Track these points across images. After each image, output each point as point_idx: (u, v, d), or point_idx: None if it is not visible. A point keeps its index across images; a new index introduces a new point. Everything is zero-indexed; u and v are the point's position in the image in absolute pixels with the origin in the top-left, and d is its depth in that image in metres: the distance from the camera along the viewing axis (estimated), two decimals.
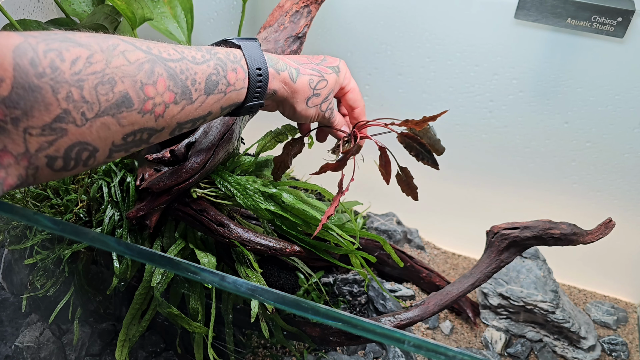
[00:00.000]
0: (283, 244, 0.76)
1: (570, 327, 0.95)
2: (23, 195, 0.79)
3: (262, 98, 0.58)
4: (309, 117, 0.66)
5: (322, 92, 0.65)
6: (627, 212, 1.05)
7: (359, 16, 1.03)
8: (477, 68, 1.00)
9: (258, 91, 0.57)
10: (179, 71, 0.48)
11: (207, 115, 0.53)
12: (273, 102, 0.64)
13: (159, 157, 0.69)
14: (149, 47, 0.46)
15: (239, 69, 0.55)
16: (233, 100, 0.55)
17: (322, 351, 0.89)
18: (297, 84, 0.62)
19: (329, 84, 0.66)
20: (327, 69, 0.66)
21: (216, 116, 0.56)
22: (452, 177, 1.15)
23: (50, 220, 0.54)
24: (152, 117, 0.46)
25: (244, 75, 0.55)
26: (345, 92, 0.71)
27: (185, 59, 0.49)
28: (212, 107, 0.53)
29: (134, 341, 0.78)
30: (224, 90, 0.53)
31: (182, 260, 0.50)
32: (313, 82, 0.63)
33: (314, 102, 0.65)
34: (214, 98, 0.52)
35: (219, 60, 0.53)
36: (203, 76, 0.50)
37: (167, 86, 0.47)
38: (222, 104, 0.54)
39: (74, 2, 0.89)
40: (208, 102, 0.52)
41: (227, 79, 0.53)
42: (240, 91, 0.55)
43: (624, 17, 0.85)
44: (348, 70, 0.70)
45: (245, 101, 0.57)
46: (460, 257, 1.20)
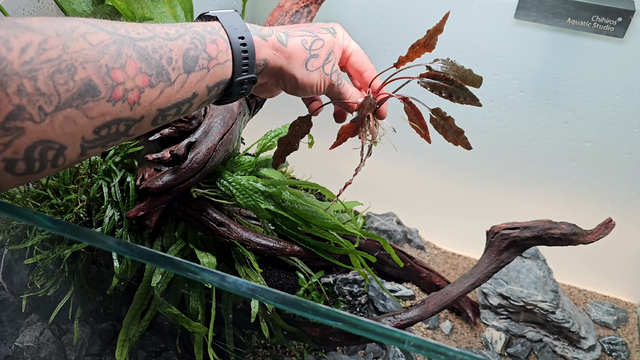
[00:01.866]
0: (283, 243, 0.76)
1: (570, 327, 0.95)
2: (23, 195, 0.79)
3: (252, 71, 0.53)
4: (313, 84, 0.58)
5: (320, 52, 0.58)
6: (627, 212, 1.05)
7: (359, 16, 1.03)
8: (477, 68, 0.99)
9: (246, 63, 0.51)
10: (151, 50, 0.43)
11: (193, 97, 0.48)
12: (270, 77, 0.58)
13: (159, 157, 0.69)
14: (114, 28, 0.42)
15: (219, 40, 0.49)
16: (219, 76, 0.50)
17: (322, 351, 0.89)
18: (289, 47, 0.55)
19: (326, 44, 0.59)
20: (320, 29, 0.60)
21: (204, 99, 0.50)
22: (452, 177, 1.15)
23: (50, 220, 0.54)
24: (126, 105, 0.41)
25: (226, 46, 0.50)
26: (348, 55, 0.64)
27: (157, 36, 0.44)
28: (197, 87, 0.48)
29: (134, 341, 0.78)
30: (206, 66, 0.48)
31: (182, 260, 0.50)
32: (307, 42, 0.57)
33: (315, 65, 0.57)
34: (196, 76, 0.47)
35: (195, 33, 0.47)
36: (179, 52, 0.45)
37: (139, 68, 0.42)
38: (207, 82, 0.48)
39: (74, 2, 0.89)
40: (190, 82, 0.47)
41: (207, 53, 0.48)
42: (225, 65, 0.50)
43: (624, 17, 0.85)
44: (346, 32, 0.63)
45: (233, 76, 0.51)
46: (460, 257, 1.20)
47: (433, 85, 0.58)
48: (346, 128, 0.58)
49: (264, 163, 0.86)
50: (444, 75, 0.57)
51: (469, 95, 0.58)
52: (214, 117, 0.74)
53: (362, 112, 0.58)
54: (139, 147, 0.77)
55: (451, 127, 0.62)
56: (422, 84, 0.59)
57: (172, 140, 0.73)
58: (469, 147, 0.62)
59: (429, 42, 0.57)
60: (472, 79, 0.59)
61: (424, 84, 0.58)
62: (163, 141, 0.73)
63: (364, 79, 0.64)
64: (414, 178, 1.19)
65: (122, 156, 0.78)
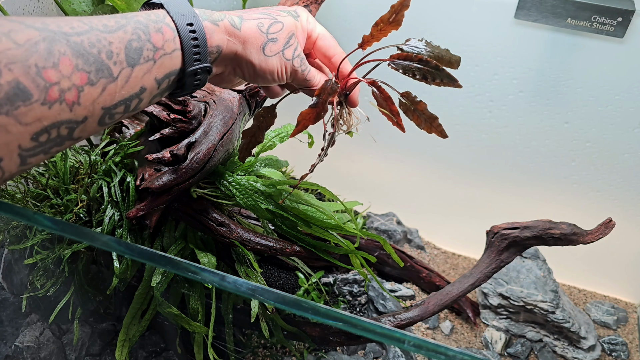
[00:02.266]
0: (283, 243, 0.76)
1: (570, 327, 0.95)
2: (23, 195, 0.79)
3: (205, 60, 0.49)
4: (272, 70, 0.54)
5: (279, 36, 0.54)
6: (627, 212, 1.05)
7: (359, 16, 1.03)
8: (477, 68, 1.00)
9: (197, 51, 0.48)
10: (88, 44, 0.39)
11: (141, 92, 0.45)
12: (226, 65, 0.54)
13: (159, 157, 0.69)
14: (44, 23, 0.38)
15: (165, 28, 0.46)
16: (168, 67, 0.46)
17: (322, 351, 0.89)
18: (243, 31, 0.52)
19: (286, 27, 0.55)
20: (280, 12, 0.56)
21: (154, 93, 0.47)
22: (452, 177, 1.15)
23: (50, 220, 0.54)
24: (65, 107, 0.38)
25: (173, 35, 0.46)
26: (314, 39, 0.59)
27: (94, 29, 0.40)
28: (144, 81, 0.44)
29: (134, 341, 0.78)
30: (152, 58, 0.44)
31: (182, 260, 0.50)
32: (263, 25, 0.53)
33: (273, 49, 0.53)
34: (142, 69, 0.44)
35: (137, 23, 0.44)
36: (120, 45, 0.42)
37: (75, 65, 0.38)
38: (154, 74, 0.45)
39: (74, 2, 0.89)
40: (136, 76, 0.43)
41: (152, 43, 0.44)
42: (173, 54, 0.46)
43: (624, 17, 0.85)
44: (310, 15, 0.59)
45: (184, 66, 0.48)
46: (460, 257, 1.20)
47: (405, 67, 0.54)
48: (305, 114, 0.53)
49: (264, 163, 0.86)
50: (416, 56, 0.53)
51: (446, 76, 0.53)
52: (214, 117, 0.74)
53: (323, 97, 0.53)
54: (139, 147, 0.77)
55: (423, 113, 0.56)
56: (393, 67, 0.54)
57: (172, 140, 0.72)
58: (444, 134, 0.57)
59: (395, 18, 0.53)
60: (449, 59, 0.55)
61: (395, 66, 0.54)
62: (163, 141, 0.73)
63: (332, 64, 0.60)
64: (414, 178, 1.19)
65: (122, 156, 0.78)
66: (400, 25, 0.54)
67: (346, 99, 0.59)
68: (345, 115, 0.60)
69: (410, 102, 0.56)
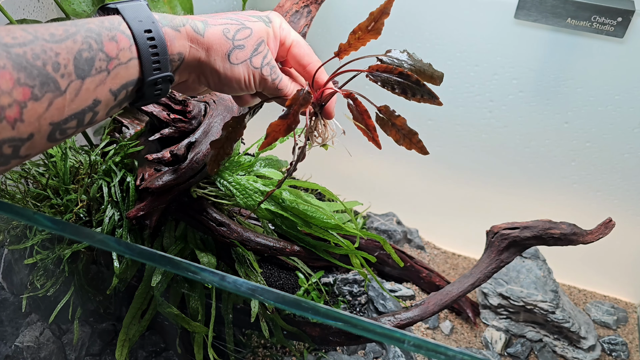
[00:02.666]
0: (283, 243, 0.76)
1: (570, 327, 0.95)
2: (23, 195, 0.79)
3: (166, 68, 0.46)
4: (239, 79, 0.51)
5: (247, 42, 0.51)
6: (627, 212, 1.05)
7: (359, 16, 1.03)
8: (477, 68, 1.00)
9: (156, 60, 0.45)
10: (32, 56, 0.36)
11: (94, 105, 0.42)
12: (189, 73, 0.51)
13: (159, 157, 0.69)
14: None
15: (120, 36, 0.43)
16: (124, 77, 0.43)
17: (322, 351, 0.89)
18: (207, 37, 0.49)
19: (255, 33, 0.51)
20: (250, 17, 0.53)
21: (110, 104, 0.44)
22: (452, 177, 1.15)
23: (50, 220, 0.54)
24: (6, 125, 0.35)
25: (129, 43, 0.43)
26: (288, 46, 0.56)
27: (39, 39, 0.37)
28: (97, 93, 0.41)
29: (134, 341, 0.78)
30: (105, 68, 0.41)
31: (182, 260, 0.50)
32: (229, 31, 0.50)
33: (240, 57, 0.50)
34: (93, 81, 0.41)
35: (89, 31, 0.40)
36: (69, 56, 0.38)
37: (16, 79, 0.35)
38: (109, 86, 0.42)
39: (74, 2, 0.89)
40: (87, 88, 0.40)
41: (105, 53, 0.41)
42: (129, 64, 0.43)
43: (624, 17, 0.85)
44: (285, 21, 0.56)
45: (143, 76, 0.45)
46: (460, 257, 1.20)
47: (384, 80, 0.51)
48: (275, 126, 0.49)
49: (264, 163, 0.86)
50: (396, 69, 0.50)
51: (427, 93, 0.50)
52: (214, 117, 0.74)
53: (294, 108, 0.49)
54: (139, 147, 0.77)
55: (402, 129, 0.53)
56: (371, 78, 0.51)
57: (172, 140, 0.73)
58: (424, 151, 0.54)
59: (374, 26, 0.50)
60: (431, 74, 0.52)
61: (374, 78, 0.51)
62: (163, 141, 0.73)
63: (307, 72, 0.57)
64: (414, 178, 1.19)
65: (122, 156, 0.78)
66: (379, 34, 0.51)
67: (321, 110, 0.56)
68: (320, 127, 0.57)
69: (387, 116, 0.53)
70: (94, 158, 0.79)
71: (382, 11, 0.50)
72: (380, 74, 0.51)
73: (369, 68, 0.51)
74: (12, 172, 0.80)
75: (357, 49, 0.53)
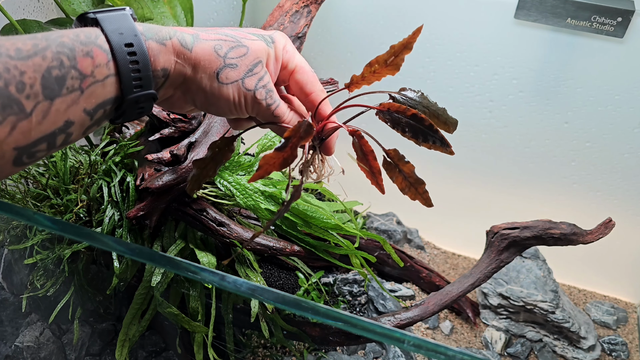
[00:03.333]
0: (283, 243, 0.76)
1: (570, 327, 0.95)
2: (23, 195, 0.79)
3: (149, 86, 0.42)
4: (227, 99, 0.47)
5: (241, 62, 0.46)
6: (627, 212, 1.05)
7: (359, 16, 1.03)
8: (477, 68, 1.00)
9: (137, 77, 0.41)
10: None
11: (66, 126, 0.38)
12: (175, 89, 0.47)
13: (159, 157, 0.69)
14: None
15: (96, 51, 0.39)
16: (100, 97, 0.40)
17: (322, 351, 0.89)
18: (195, 52, 0.44)
19: (251, 52, 0.47)
20: (249, 35, 0.48)
21: (86, 124, 0.40)
22: (452, 177, 1.15)
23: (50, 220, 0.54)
24: None
25: (107, 59, 0.39)
26: (290, 71, 0.52)
27: (3, 55, 0.34)
28: (69, 115, 0.38)
29: (134, 341, 0.78)
30: (78, 87, 0.37)
31: (182, 260, 0.50)
32: (221, 48, 0.46)
33: (230, 76, 0.46)
34: (64, 101, 0.37)
35: (61, 46, 0.37)
36: (36, 74, 0.35)
37: None
38: (83, 106, 0.38)
39: (74, 2, 0.89)
40: (57, 109, 0.37)
41: (78, 70, 0.37)
42: (106, 82, 0.40)
43: (624, 17, 0.85)
44: (290, 42, 0.52)
45: (123, 94, 0.41)
46: (460, 257, 1.20)
47: (395, 121, 0.47)
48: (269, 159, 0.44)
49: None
50: (409, 110, 0.46)
51: (440, 140, 0.46)
52: (214, 117, 0.74)
53: (293, 140, 0.44)
54: (139, 147, 0.77)
55: (409, 177, 0.49)
56: (381, 117, 0.48)
57: (172, 140, 0.73)
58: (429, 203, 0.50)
59: (394, 61, 0.46)
60: (445, 120, 0.49)
61: (384, 118, 0.47)
62: (163, 141, 0.74)
63: (309, 101, 0.52)
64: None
65: (122, 156, 0.78)
66: (398, 70, 0.47)
67: (321, 144, 0.51)
68: (317, 163, 0.52)
69: (396, 162, 0.48)
70: (94, 158, 0.79)
71: (404, 45, 0.46)
72: (391, 113, 0.47)
73: (381, 105, 0.47)
74: None
75: (371, 84, 0.49)
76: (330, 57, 1.09)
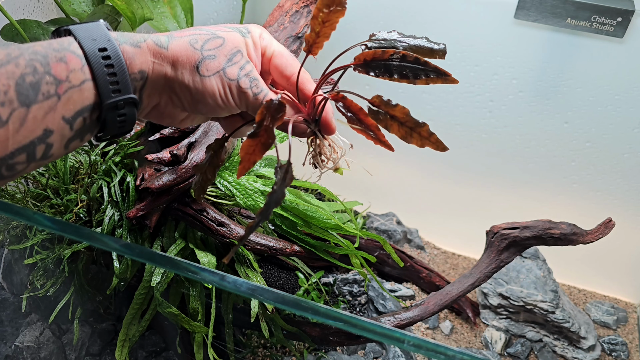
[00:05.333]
0: (283, 243, 0.76)
1: (570, 327, 0.95)
2: (23, 195, 0.79)
3: (127, 90, 0.42)
4: (212, 92, 0.46)
5: (219, 52, 0.46)
6: (627, 212, 1.05)
7: (359, 16, 1.03)
8: (477, 68, 1.00)
9: (114, 80, 0.40)
10: None
11: (46, 135, 0.37)
12: (160, 94, 0.46)
13: (159, 157, 0.69)
14: None
15: (70, 57, 0.38)
16: (78, 103, 0.39)
17: (322, 351, 0.89)
18: (171, 49, 0.44)
19: (227, 42, 0.46)
20: (223, 27, 0.48)
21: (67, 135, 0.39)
22: (452, 177, 1.15)
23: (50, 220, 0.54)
24: None
25: (81, 64, 0.39)
26: (269, 57, 0.51)
27: None
28: (47, 122, 0.37)
29: (134, 341, 0.78)
30: (54, 93, 0.37)
31: (182, 260, 0.50)
32: (197, 41, 0.45)
33: (210, 68, 0.45)
34: (41, 108, 0.36)
35: (34, 54, 0.36)
36: (10, 81, 0.34)
37: None
38: (61, 112, 0.38)
39: (74, 2, 0.89)
40: (34, 117, 0.36)
41: (52, 75, 0.37)
42: (83, 87, 0.39)
43: (624, 17, 0.85)
44: (266, 31, 0.51)
45: (102, 99, 0.40)
46: (460, 257, 1.20)
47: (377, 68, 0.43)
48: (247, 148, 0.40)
49: (264, 163, 0.86)
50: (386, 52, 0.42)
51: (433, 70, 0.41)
52: None
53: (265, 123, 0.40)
54: (139, 147, 0.77)
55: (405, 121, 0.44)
56: (360, 70, 0.44)
57: (172, 140, 0.73)
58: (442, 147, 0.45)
59: None
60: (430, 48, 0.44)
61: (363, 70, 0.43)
62: (163, 141, 0.74)
63: (292, 85, 0.51)
64: (414, 178, 1.19)
65: (122, 156, 0.78)
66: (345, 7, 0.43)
67: (318, 126, 0.48)
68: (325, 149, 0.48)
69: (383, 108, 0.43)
70: (94, 158, 0.79)
71: None
72: (369, 62, 0.43)
73: (355, 59, 0.43)
74: None
75: (329, 37, 0.45)
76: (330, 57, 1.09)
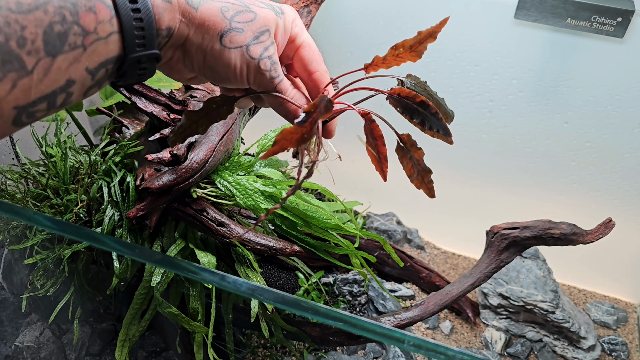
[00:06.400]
0: (283, 243, 0.76)
1: (570, 327, 0.95)
2: (23, 195, 0.79)
3: (152, 45, 0.40)
4: (228, 64, 0.45)
5: (248, 27, 0.44)
6: (627, 212, 1.05)
7: (359, 16, 1.03)
8: (477, 68, 1.00)
9: (141, 35, 0.39)
10: None
11: (68, 85, 0.37)
12: (174, 51, 0.45)
13: (159, 157, 0.69)
14: None
15: (99, 7, 0.37)
16: (103, 55, 0.38)
17: (322, 351, 0.89)
18: (200, 12, 0.42)
19: (259, 19, 0.45)
20: (258, 2, 0.47)
21: (87, 84, 0.38)
22: (452, 177, 1.15)
23: (50, 220, 0.54)
24: None
25: (110, 15, 0.37)
26: (297, 46, 0.50)
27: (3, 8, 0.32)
28: (71, 72, 0.36)
29: (134, 341, 0.78)
30: (80, 44, 0.36)
31: (182, 260, 0.50)
32: (228, 10, 0.44)
33: (235, 41, 0.44)
34: (66, 58, 0.35)
35: (64, 0, 0.34)
36: (37, 29, 0.33)
37: None
38: (86, 64, 0.37)
39: None
40: (59, 67, 0.35)
41: (81, 26, 0.35)
42: (109, 39, 0.38)
43: (624, 17, 0.85)
44: (299, 17, 0.50)
45: (125, 53, 0.39)
46: (460, 257, 1.20)
47: (405, 107, 0.46)
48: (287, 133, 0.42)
49: (264, 163, 0.86)
50: (418, 97, 0.45)
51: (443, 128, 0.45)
52: None
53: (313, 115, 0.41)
54: (139, 147, 0.77)
55: (419, 164, 0.49)
56: (392, 102, 0.46)
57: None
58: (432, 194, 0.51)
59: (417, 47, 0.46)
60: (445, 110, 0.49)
61: (395, 103, 0.46)
62: (163, 141, 0.73)
63: (312, 81, 0.50)
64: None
65: (122, 156, 0.78)
66: (420, 58, 0.46)
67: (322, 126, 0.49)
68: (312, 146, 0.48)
69: (409, 147, 0.47)
70: (94, 158, 0.79)
71: (430, 34, 0.46)
72: (402, 98, 0.46)
73: (392, 90, 0.46)
74: (12, 172, 0.80)
75: (389, 68, 0.48)
76: (330, 57, 1.09)
